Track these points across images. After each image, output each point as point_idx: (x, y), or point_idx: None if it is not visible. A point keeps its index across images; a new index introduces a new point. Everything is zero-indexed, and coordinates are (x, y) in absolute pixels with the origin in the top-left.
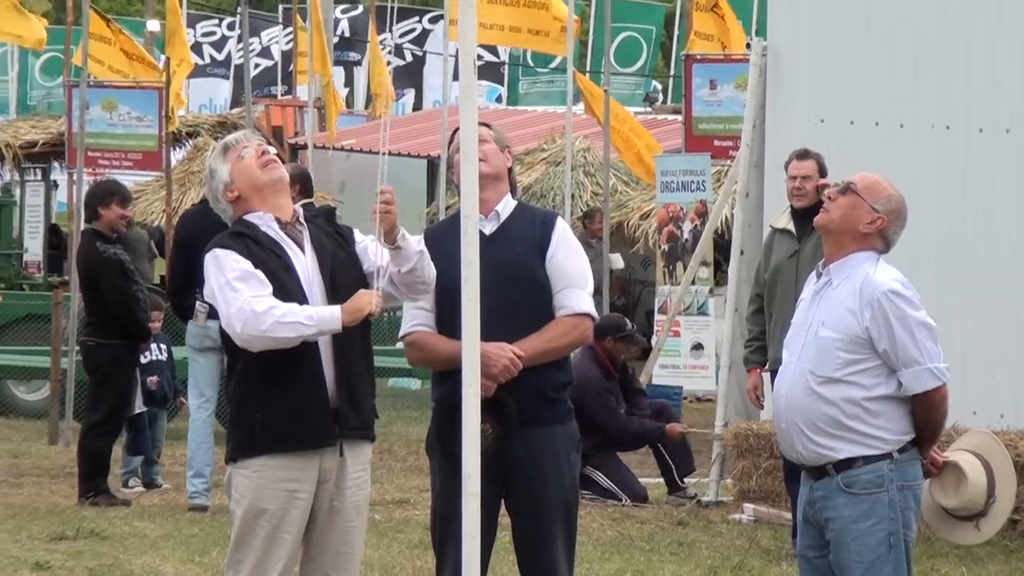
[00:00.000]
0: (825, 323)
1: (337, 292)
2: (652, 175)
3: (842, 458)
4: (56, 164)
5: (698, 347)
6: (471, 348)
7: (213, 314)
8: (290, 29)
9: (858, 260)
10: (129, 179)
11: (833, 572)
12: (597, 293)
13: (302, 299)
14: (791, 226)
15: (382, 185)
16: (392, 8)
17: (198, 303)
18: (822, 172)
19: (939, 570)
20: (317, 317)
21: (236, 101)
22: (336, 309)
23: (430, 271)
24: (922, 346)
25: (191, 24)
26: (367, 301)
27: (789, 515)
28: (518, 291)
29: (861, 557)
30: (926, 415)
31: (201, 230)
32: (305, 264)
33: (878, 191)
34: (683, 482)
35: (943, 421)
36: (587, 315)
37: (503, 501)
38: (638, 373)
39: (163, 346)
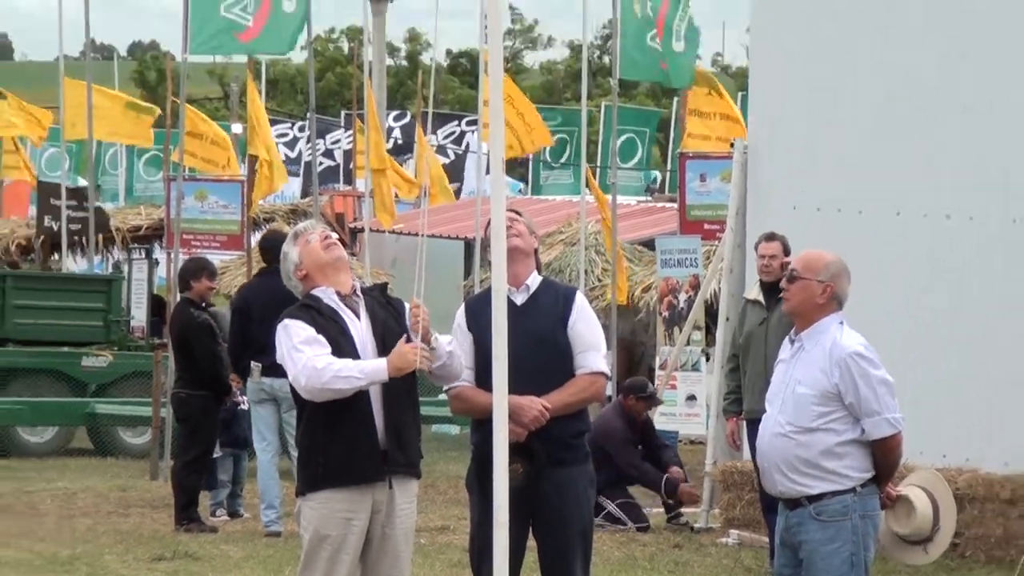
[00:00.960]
0: (801, 382)
1: (387, 353)
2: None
3: (815, 493)
4: (157, 245)
5: (692, 398)
6: (500, 400)
7: (266, 372)
8: (351, 131)
9: (825, 325)
10: (216, 257)
11: None
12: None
13: (356, 358)
14: (760, 297)
15: (414, 299)
16: (435, 115)
17: (252, 363)
18: (786, 251)
19: None
20: (368, 370)
21: (305, 192)
22: (383, 362)
23: (459, 366)
24: (882, 400)
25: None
26: (412, 358)
27: (767, 539)
28: (545, 354)
29: (829, 574)
30: (884, 457)
31: (253, 300)
32: (360, 329)
33: (816, 266)
34: (681, 512)
35: (898, 462)
36: (602, 373)
37: (530, 528)
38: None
39: (244, 398)
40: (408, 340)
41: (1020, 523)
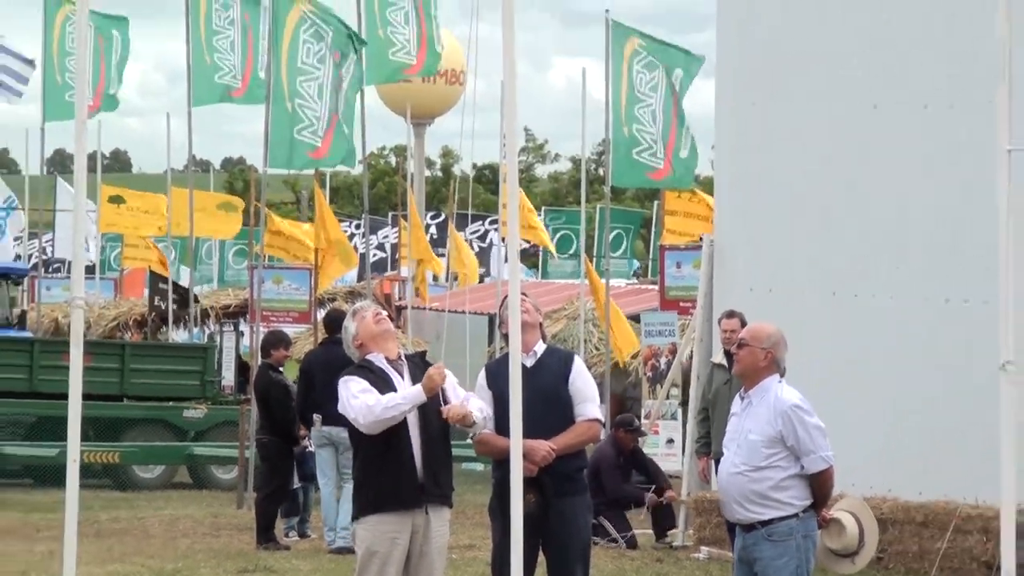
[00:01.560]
0: (752, 431)
1: (426, 407)
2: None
3: (766, 518)
4: (242, 319)
5: (670, 441)
6: (516, 443)
7: (326, 422)
8: (396, 228)
9: (768, 384)
10: (289, 329)
11: None
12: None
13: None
14: (724, 362)
15: (438, 364)
16: (464, 215)
17: (315, 415)
18: (743, 325)
19: None
20: (408, 395)
21: (360, 277)
22: (418, 387)
23: (491, 425)
24: (816, 441)
25: None
26: (438, 378)
27: (731, 554)
28: (551, 406)
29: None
30: (819, 487)
31: (316, 365)
32: (404, 386)
33: (760, 336)
34: (667, 535)
35: (831, 491)
36: (597, 420)
37: (540, 546)
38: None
39: (310, 443)
40: (445, 402)
41: (931, 542)
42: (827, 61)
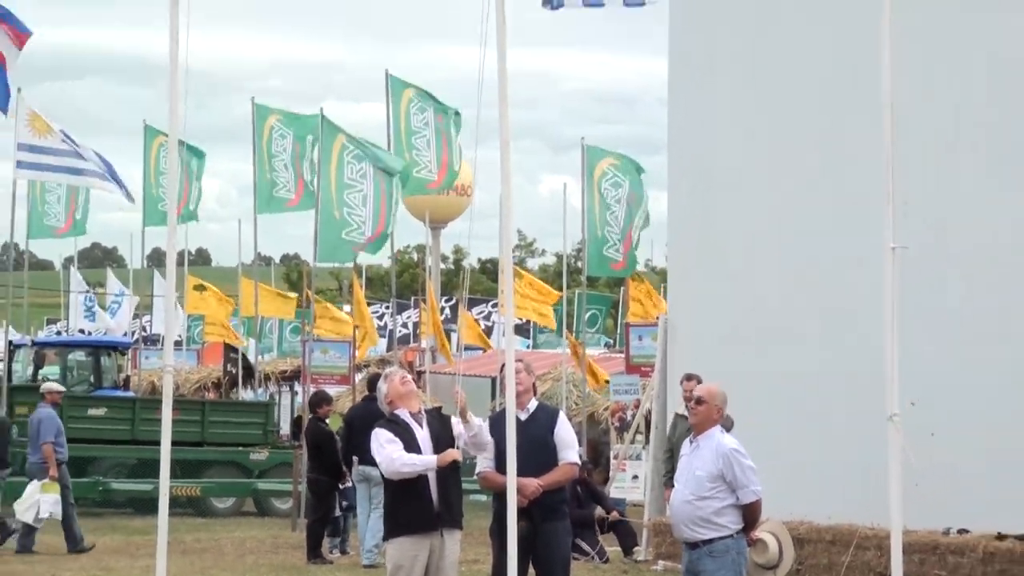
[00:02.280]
0: (698, 468)
1: (439, 449)
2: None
3: (707, 538)
4: (295, 382)
5: (635, 476)
6: (511, 480)
7: (362, 462)
8: (418, 310)
9: (711, 433)
10: (332, 390)
11: None
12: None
13: (419, 452)
14: (686, 413)
15: (457, 388)
16: (471, 299)
17: (355, 456)
18: (699, 382)
19: None
20: (424, 461)
21: (389, 348)
22: (434, 458)
23: (487, 437)
24: (748, 478)
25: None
26: (453, 454)
27: (681, 567)
28: (540, 451)
29: None
30: (750, 514)
31: (357, 417)
32: (423, 435)
33: (715, 395)
34: (632, 551)
35: (759, 516)
36: (576, 463)
37: (531, 561)
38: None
39: (350, 480)
40: (454, 446)
41: (838, 556)
42: (751, 183)
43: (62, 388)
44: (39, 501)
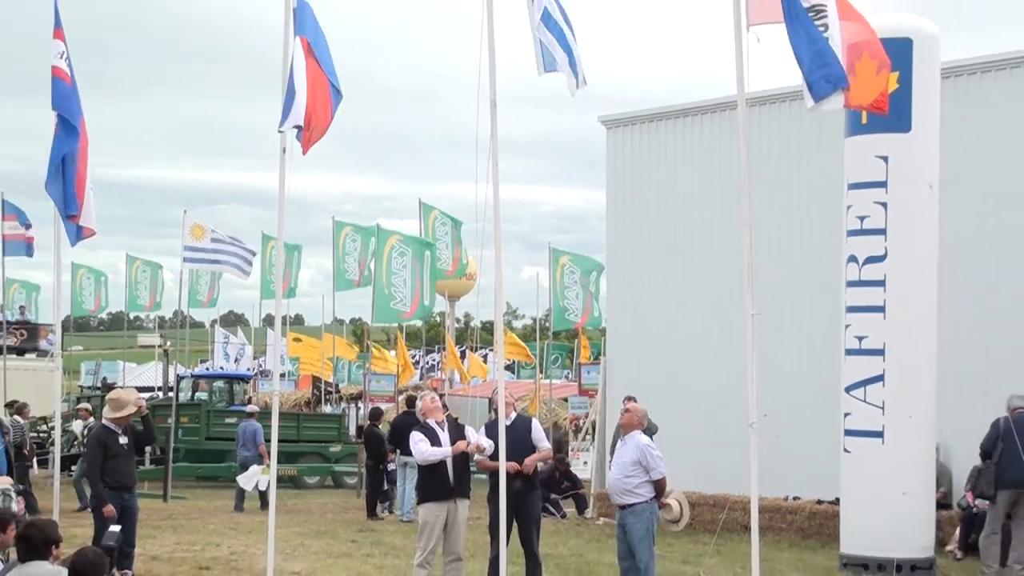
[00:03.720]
0: (625, 457)
1: (453, 444)
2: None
3: (631, 503)
4: (359, 400)
5: (585, 462)
6: (502, 464)
7: (401, 453)
8: (439, 353)
9: (635, 434)
10: (383, 406)
11: (630, 546)
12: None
13: (440, 446)
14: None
15: (466, 441)
16: (476, 347)
17: (398, 449)
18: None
19: (666, 543)
20: (443, 452)
21: (421, 378)
22: (449, 448)
23: (486, 442)
24: (657, 464)
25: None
26: (460, 446)
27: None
28: (520, 446)
29: (638, 537)
30: (659, 487)
31: (399, 423)
32: (444, 436)
33: (637, 411)
34: (583, 512)
35: (665, 488)
36: (549, 448)
37: (515, 517)
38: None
39: (393, 464)
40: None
41: (718, 514)
42: (659, 272)
43: (257, 409)
44: (258, 479)
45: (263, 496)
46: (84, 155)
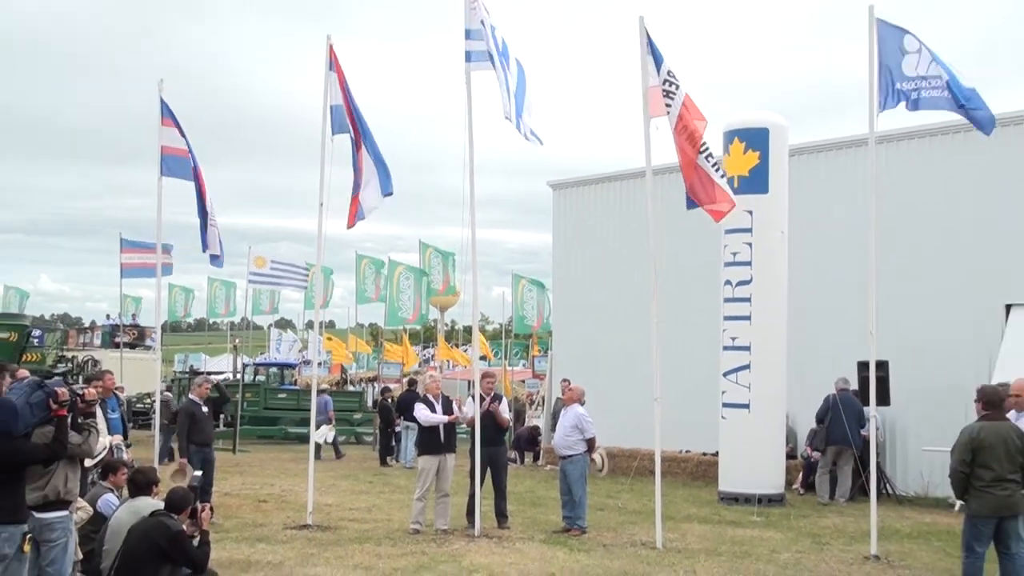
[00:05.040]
0: (566, 423)
1: (446, 413)
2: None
3: (569, 455)
4: (374, 382)
5: (537, 426)
6: (477, 428)
7: (406, 419)
8: (434, 349)
9: (574, 407)
10: (392, 385)
11: (569, 485)
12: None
13: (437, 414)
14: (562, 396)
15: (459, 401)
16: (459, 344)
17: (403, 416)
18: (569, 383)
19: (595, 484)
20: (439, 419)
21: (420, 365)
22: (444, 417)
23: (470, 413)
24: (589, 427)
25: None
26: (454, 414)
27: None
28: (491, 415)
29: (574, 479)
30: (590, 444)
31: (403, 398)
32: (439, 407)
33: (575, 390)
34: (537, 462)
35: (595, 445)
36: (507, 419)
37: (489, 465)
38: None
39: (400, 427)
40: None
41: (631, 461)
42: (593, 293)
43: (328, 387)
44: (327, 434)
45: (336, 447)
46: (205, 199)
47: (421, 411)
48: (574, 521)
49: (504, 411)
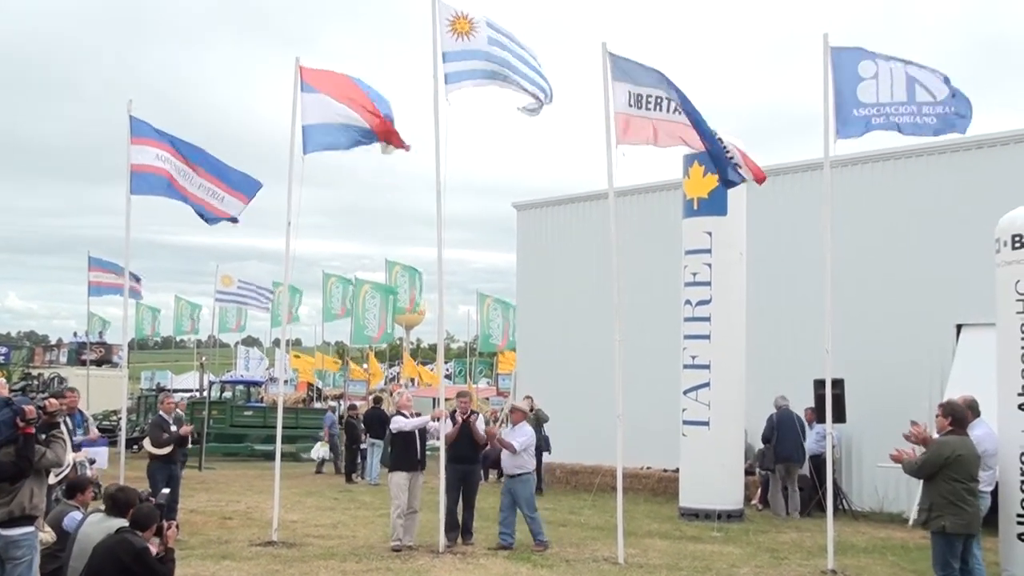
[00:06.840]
0: (515, 439)
1: (423, 426)
2: None
3: (518, 473)
4: (340, 399)
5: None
6: (443, 448)
7: (372, 436)
8: (398, 367)
9: (521, 424)
10: (358, 402)
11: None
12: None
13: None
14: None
15: (437, 411)
16: (425, 362)
17: (367, 434)
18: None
19: (556, 499)
20: (415, 423)
21: (385, 383)
22: (418, 420)
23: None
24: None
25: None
26: (431, 422)
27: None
28: (468, 430)
29: (524, 500)
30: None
31: (368, 416)
32: (412, 418)
33: (523, 404)
34: (502, 477)
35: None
36: (483, 435)
37: (461, 484)
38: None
39: (366, 445)
40: (425, 427)
41: (594, 478)
42: (553, 312)
43: (335, 405)
44: (321, 451)
45: (336, 463)
46: (178, 186)
47: (398, 420)
48: (535, 536)
49: (480, 428)
